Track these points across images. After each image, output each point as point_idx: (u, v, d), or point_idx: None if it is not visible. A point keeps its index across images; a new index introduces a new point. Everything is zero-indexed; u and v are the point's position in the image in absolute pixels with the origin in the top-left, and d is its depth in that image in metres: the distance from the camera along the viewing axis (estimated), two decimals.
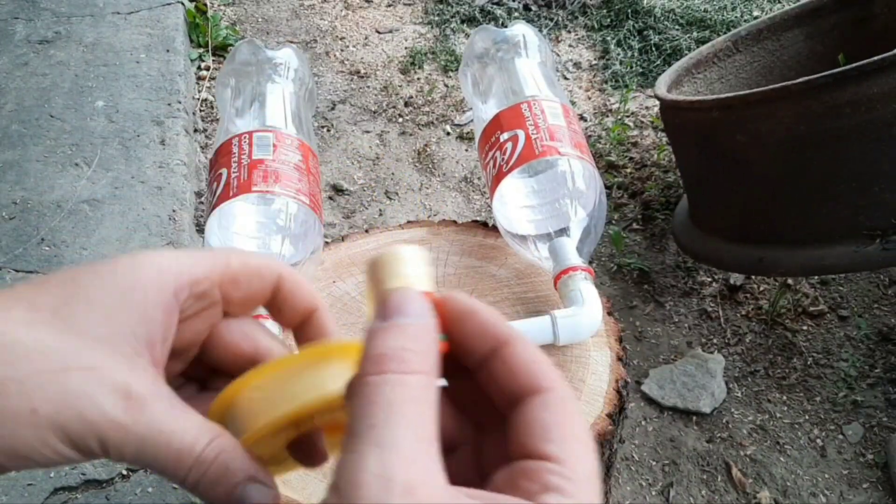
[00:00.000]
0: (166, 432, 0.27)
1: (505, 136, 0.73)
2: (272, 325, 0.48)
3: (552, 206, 0.74)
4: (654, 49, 2.17)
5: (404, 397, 0.23)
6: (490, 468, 0.25)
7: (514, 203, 0.76)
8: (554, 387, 0.26)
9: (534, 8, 2.40)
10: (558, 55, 2.22)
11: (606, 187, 1.74)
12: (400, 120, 1.99)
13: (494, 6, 2.39)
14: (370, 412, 0.22)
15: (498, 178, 0.72)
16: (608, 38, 2.24)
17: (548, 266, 0.70)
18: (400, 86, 2.10)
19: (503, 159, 0.72)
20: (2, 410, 0.25)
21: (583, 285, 0.66)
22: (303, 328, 0.34)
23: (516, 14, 2.36)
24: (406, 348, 0.24)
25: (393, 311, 0.25)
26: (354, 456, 0.22)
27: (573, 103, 2.02)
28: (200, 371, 0.34)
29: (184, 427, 0.28)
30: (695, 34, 2.19)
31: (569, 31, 2.32)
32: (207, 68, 2.12)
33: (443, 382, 0.25)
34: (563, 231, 0.72)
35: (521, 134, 0.72)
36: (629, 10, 2.31)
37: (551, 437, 0.24)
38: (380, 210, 1.73)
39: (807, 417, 1.30)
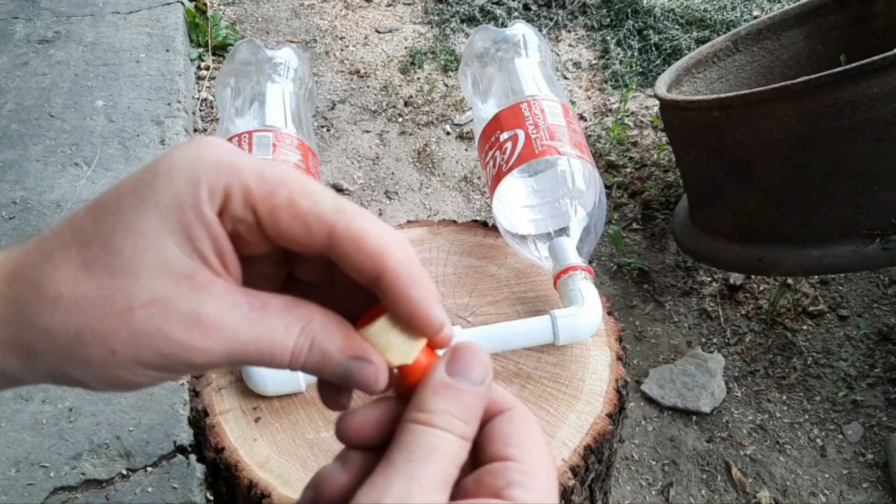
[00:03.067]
0: (251, 340, 0.28)
1: (505, 135, 0.73)
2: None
3: (552, 205, 0.74)
4: (654, 49, 2.17)
5: (441, 449, 0.28)
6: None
7: (514, 203, 0.76)
8: (516, 405, 0.31)
9: (534, 7, 2.40)
10: (558, 55, 2.22)
11: (606, 187, 1.74)
12: (400, 120, 1.98)
13: (494, 6, 2.39)
14: (411, 450, 0.27)
15: (498, 178, 0.72)
16: (608, 38, 2.24)
17: (548, 266, 0.70)
18: (400, 85, 2.10)
19: (503, 159, 0.72)
20: (87, 358, 0.27)
21: (583, 285, 0.66)
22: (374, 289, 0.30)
23: (516, 14, 2.36)
24: (456, 416, 0.28)
25: (459, 369, 0.29)
26: (384, 480, 0.26)
27: (573, 103, 2.02)
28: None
29: (267, 328, 0.28)
30: (695, 34, 2.19)
31: (569, 31, 2.32)
32: (207, 68, 2.12)
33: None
34: (563, 231, 0.72)
35: (520, 133, 0.72)
36: (629, 10, 2.30)
37: (512, 442, 0.29)
38: (380, 210, 1.73)
39: (807, 417, 1.30)
